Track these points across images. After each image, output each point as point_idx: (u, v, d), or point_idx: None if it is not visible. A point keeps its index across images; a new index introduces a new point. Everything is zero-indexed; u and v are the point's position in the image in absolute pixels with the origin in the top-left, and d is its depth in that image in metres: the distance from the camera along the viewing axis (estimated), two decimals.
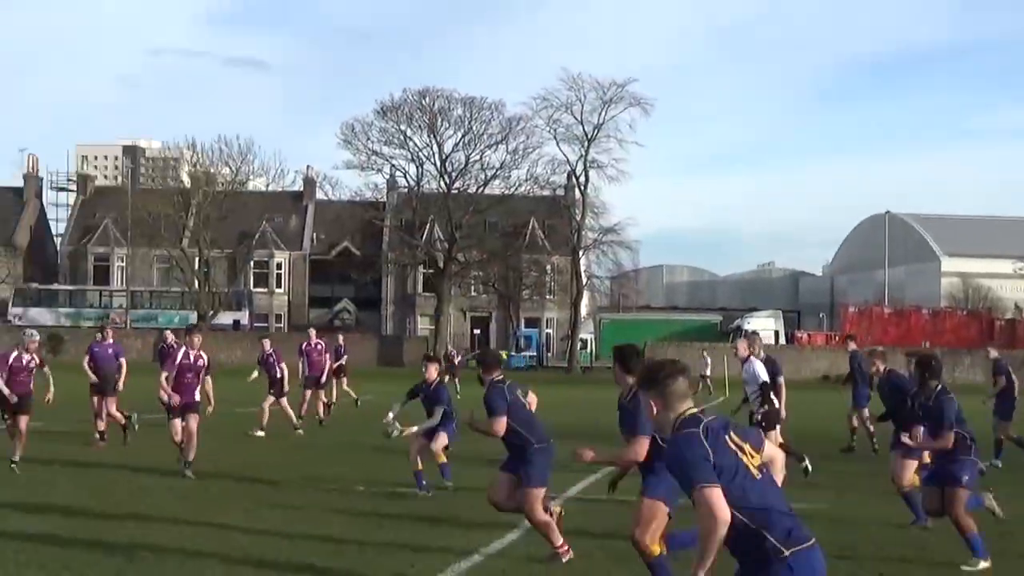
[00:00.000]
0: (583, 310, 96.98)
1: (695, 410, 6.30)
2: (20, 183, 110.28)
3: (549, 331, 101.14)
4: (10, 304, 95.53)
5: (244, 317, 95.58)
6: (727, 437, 6.12)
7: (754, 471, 6.07)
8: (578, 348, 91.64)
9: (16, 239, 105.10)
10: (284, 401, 27.49)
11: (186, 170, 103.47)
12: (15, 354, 19.52)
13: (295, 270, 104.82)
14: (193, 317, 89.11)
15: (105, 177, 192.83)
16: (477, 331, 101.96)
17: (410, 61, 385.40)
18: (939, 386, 12.93)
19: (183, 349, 19.90)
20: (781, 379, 19.76)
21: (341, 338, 35.71)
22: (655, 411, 6.37)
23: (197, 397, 19.74)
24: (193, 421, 19.24)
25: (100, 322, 32.58)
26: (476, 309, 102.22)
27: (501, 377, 12.64)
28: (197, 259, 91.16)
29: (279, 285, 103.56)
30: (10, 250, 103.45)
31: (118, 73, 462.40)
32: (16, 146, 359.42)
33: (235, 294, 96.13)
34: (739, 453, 6.08)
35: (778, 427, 18.96)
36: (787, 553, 5.91)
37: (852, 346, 27.79)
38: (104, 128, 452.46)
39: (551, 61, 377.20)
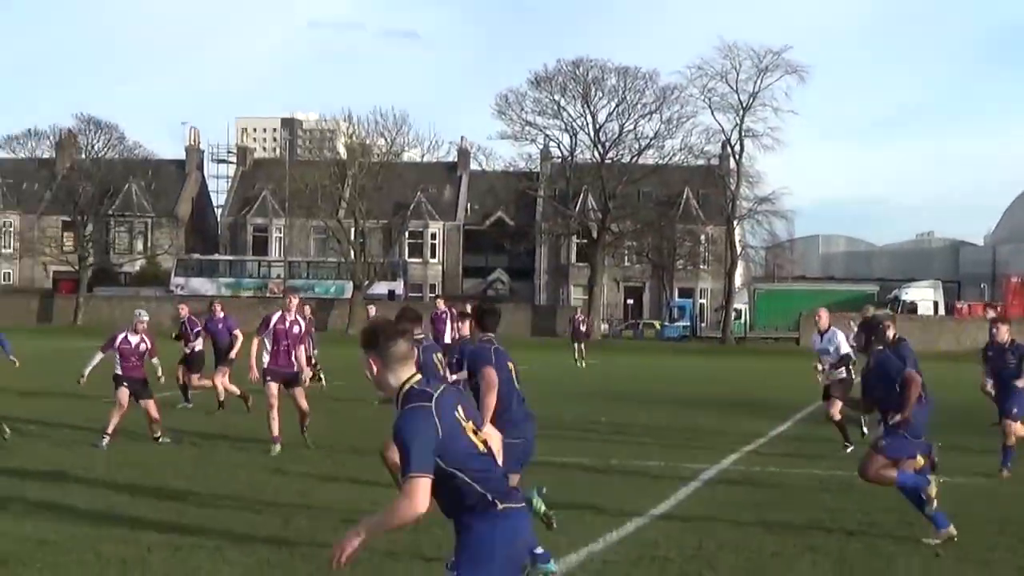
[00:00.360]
0: (737, 280, 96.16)
1: (419, 378, 6.20)
2: (182, 156, 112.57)
3: (703, 301, 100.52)
4: (172, 274, 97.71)
5: (399, 287, 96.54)
6: (456, 412, 6.10)
7: (480, 446, 6.12)
8: (732, 319, 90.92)
9: (178, 211, 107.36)
10: None
11: (342, 142, 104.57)
12: (123, 335, 18.85)
13: (449, 240, 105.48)
14: (349, 287, 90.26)
15: (264, 149, 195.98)
16: (631, 301, 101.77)
17: (563, 31, 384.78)
18: (882, 349, 12.58)
19: (279, 313, 18.43)
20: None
21: (469, 307, 35.76)
22: (375, 371, 6.23)
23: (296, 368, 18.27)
24: (299, 394, 18.12)
25: (204, 300, 33.01)
26: (630, 279, 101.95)
27: (420, 337, 12.34)
28: (353, 230, 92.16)
29: (433, 255, 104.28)
30: (172, 221, 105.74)
31: (277, 46, 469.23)
32: (178, 119, 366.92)
33: (390, 264, 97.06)
34: (463, 427, 6.09)
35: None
36: (501, 507, 6.02)
37: (992, 316, 27.33)
38: (263, 101, 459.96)
39: (705, 30, 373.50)
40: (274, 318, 18.20)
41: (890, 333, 15.39)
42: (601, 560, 10.59)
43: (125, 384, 18.57)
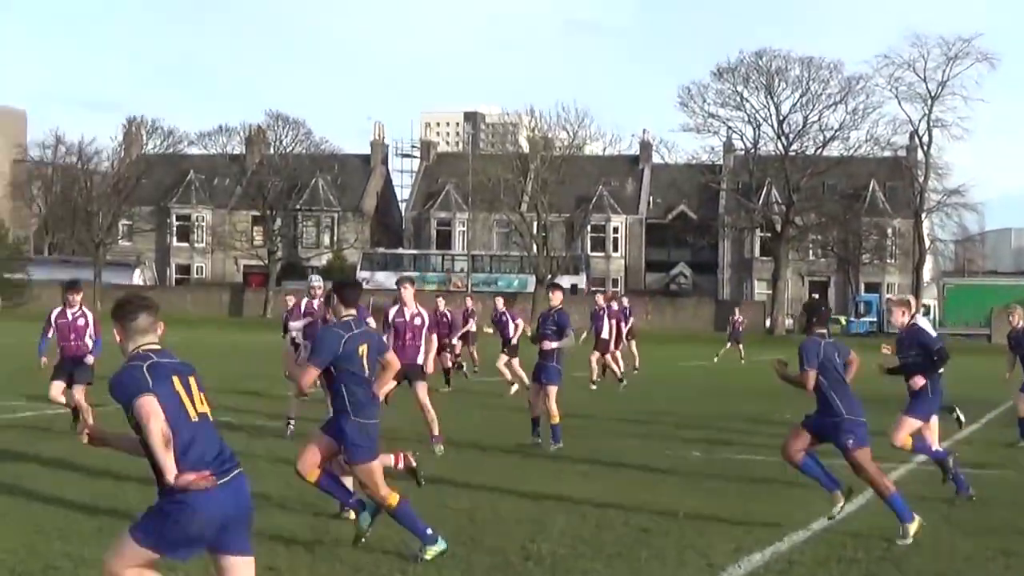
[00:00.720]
0: (926, 275, 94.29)
1: (153, 347, 6.82)
2: (367, 151, 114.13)
3: (890, 296, 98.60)
4: (358, 267, 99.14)
5: (582, 281, 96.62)
6: (175, 378, 6.67)
7: (193, 414, 6.65)
8: (920, 314, 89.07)
9: (364, 205, 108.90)
10: (516, 362, 27.49)
11: (524, 135, 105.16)
12: (304, 301, 19.00)
13: (631, 234, 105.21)
14: (532, 281, 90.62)
15: (447, 143, 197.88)
16: (815, 296, 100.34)
17: (745, 21, 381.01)
18: (824, 334, 12.07)
19: (396, 306, 17.37)
20: None
21: (626, 301, 35.92)
22: (119, 339, 6.91)
23: (420, 360, 17.14)
24: (421, 389, 16.87)
25: (389, 294, 33.44)
26: (814, 273, 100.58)
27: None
28: (535, 223, 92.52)
29: (616, 249, 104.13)
30: (358, 215, 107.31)
31: (460, 41, 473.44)
32: (364, 115, 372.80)
33: (573, 258, 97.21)
34: (182, 395, 6.64)
35: None
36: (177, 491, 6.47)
37: None
38: (446, 96, 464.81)
39: (890, 19, 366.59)
40: (392, 312, 17.52)
41: (903, 319, 14.98)
42: (787, 560, 10.45)
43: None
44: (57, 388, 17.87)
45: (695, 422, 22.34)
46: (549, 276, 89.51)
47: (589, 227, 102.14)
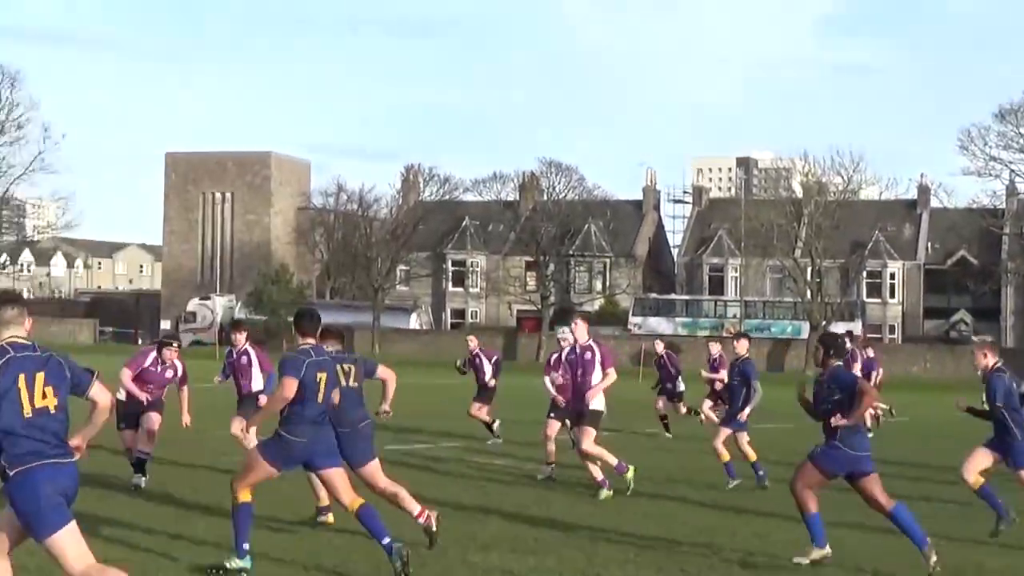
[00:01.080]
0: None
1: (17, 340, 7.61)
2: (639, 196, 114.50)
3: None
4: (631, 313, 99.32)
5: (857, 327, 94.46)
6: (21, 375, 7.47)
7: (27, 407, 7.46)
8: None
9: (636, 250, 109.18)
10: (707, 404, 27.11)
11: (798, 180, 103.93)
12: (555, 356, 19.08)
13: (909, 280, 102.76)
14: (805, 327, 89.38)
15: (719, 189, 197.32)
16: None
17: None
18: (838, 366, 12.06)
19: (557, 353, 18.90)
20: None
21: (871, 352, 34.79)
22: None
23: (594, 403, 16.55)
24: (585, 437, 16.54)
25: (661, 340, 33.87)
26: None
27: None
28: (809, 269, 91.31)
29: (892, 295, 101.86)
30: (630, 261, 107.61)
31: (730, 87, 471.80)
32: (635, 161, 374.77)
33: (848, 304, 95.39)
34: (23, 391, 7.45)
35: None
36: (11, 472, 7.43)
37: None
38: (717, 141, 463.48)
39: None
40: (566, 350, 17.59)
41: (987, 361, 14.29)
42: None
43: (552, 415, 18.92)
44: (236, 424, 17.71)
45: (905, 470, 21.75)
46: (823, 323, 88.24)
47: (865, 273, 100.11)
